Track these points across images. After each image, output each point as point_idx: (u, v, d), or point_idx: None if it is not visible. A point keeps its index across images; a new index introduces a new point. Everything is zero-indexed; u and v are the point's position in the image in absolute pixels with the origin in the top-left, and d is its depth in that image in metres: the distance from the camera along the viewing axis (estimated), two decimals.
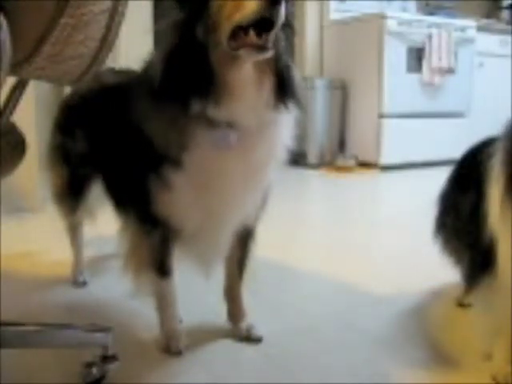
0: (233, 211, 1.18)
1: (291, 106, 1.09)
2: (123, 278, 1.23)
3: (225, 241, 1.24)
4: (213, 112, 1.02)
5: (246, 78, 1.03)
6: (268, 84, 1.05)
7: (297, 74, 1.11)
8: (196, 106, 1.02)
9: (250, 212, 1.21)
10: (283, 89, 1.07)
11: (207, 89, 1.01)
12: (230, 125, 1.04)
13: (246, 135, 1.07)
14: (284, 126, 1.13)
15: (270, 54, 1.01)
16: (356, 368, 1.19)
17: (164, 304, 1.25)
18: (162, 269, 1.22)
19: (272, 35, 0.99)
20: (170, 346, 1.23)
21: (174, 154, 1.07)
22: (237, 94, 1.03)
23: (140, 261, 1.21)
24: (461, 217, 1.32)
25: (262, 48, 0.99)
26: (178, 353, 1.22)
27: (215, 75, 1.01)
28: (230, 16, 0.99)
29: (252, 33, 0.98)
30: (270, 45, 1.00)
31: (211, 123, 1.04)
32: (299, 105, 1.11)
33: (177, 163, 1.08)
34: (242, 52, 1.00)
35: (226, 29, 1.00)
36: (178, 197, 1.11)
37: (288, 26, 1.11)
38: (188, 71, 1.01)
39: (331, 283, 1.69)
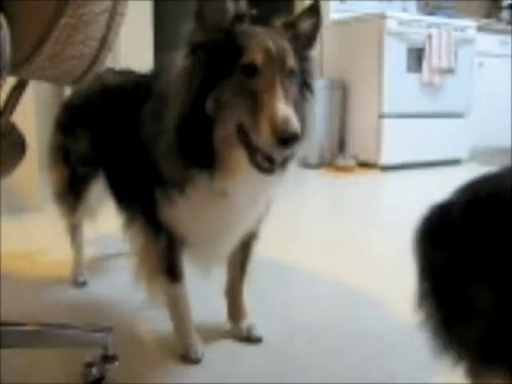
0: (236, 230, 1.18)
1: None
2: (135, 287, 1.22)
3: (228, 249, 1.24)
4: (207, 182, 1.01)
5: (246, 163, 0.98)
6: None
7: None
8: (194, 172, 1.01)
9: (254, 223, 1.22)
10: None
11: (205, 163, 0.99)
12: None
13: None
14: None
15: (274, 175, 0.97)
16: (356, 368, 1.19)
17: (178, 311, 1.23)
18: (173, 273, 1.21)
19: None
20: (189, 355, 1.20)
21: (178, 183, 1.06)
22: (234, 173, 1.01)
23: (151, 266, 1.20)
24: None
25: (267, 171, 0.96)
26: (196, 361, 1.20)
27: (216, 152, 0.98)
28: (243, 117, 0.94)
29: (260, 157, 0.94)
30: (277, 168, 0.96)
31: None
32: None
33: (180, 190, 1.06)
34: (245, 158, 0.97)
35: (235, 123, 0.96)
36: (181, 214, 1.11)
37: (306, 85, 1.06)
38: (192, 143, 0.98)
39: (331, 283, 1.69)
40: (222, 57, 0.95)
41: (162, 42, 3.85)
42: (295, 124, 0.88)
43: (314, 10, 1.09)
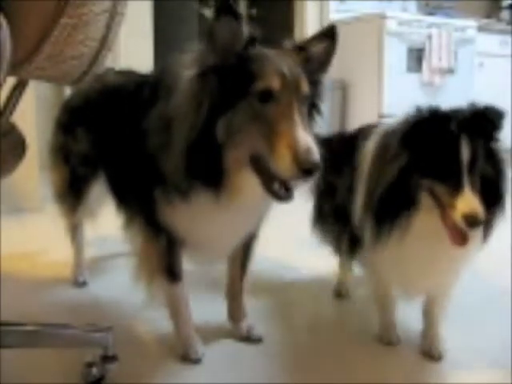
0: (236, 234, 1.18)
1: None
2: (135, 287, 1.22)
3: (228, 250, 1.24)
4: (211, 200, 1.00)
5: (254, 183, 0.98)
6: None
7: None
8: (199, 188, 1.00)
9: (254, 224, 1.22)
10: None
11: (213, 184, 0.98)
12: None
13: None
14: None
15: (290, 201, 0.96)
16: (356, 368, 1.19)
17: (177, 310, 1.23)
18: (172, 273, 1.20)
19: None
20: (189, 355, 1.20)
21: (181, 191, 1.04)
22: (240, 193, 1.00)
23: (151, 266, 1.20)
24: (336, 199, 1.37)
25: (283, 199, 0.95)
26: (196, 361, 1.20)
27: (224, 175, 0.97)
28: (259, 144, 0.92)
29: (277, 185, 0.93)
30: (293, 195, 0.94)
31: None
32: None
33: (183, 196, 1.05)
34: (253, 179, 0.96)
35: (249, 149, 0.94)
36: (180, 216, 1.11)
37: (314, 107, 1.06)
38: (200, 167, 0.97)
39: (331, 283, 1.68)
40: (234, 81, 0.93)
41: (162, 42, 3.86)
42: (317, 154, 0.86)
43: (330, 35, 1.07)
